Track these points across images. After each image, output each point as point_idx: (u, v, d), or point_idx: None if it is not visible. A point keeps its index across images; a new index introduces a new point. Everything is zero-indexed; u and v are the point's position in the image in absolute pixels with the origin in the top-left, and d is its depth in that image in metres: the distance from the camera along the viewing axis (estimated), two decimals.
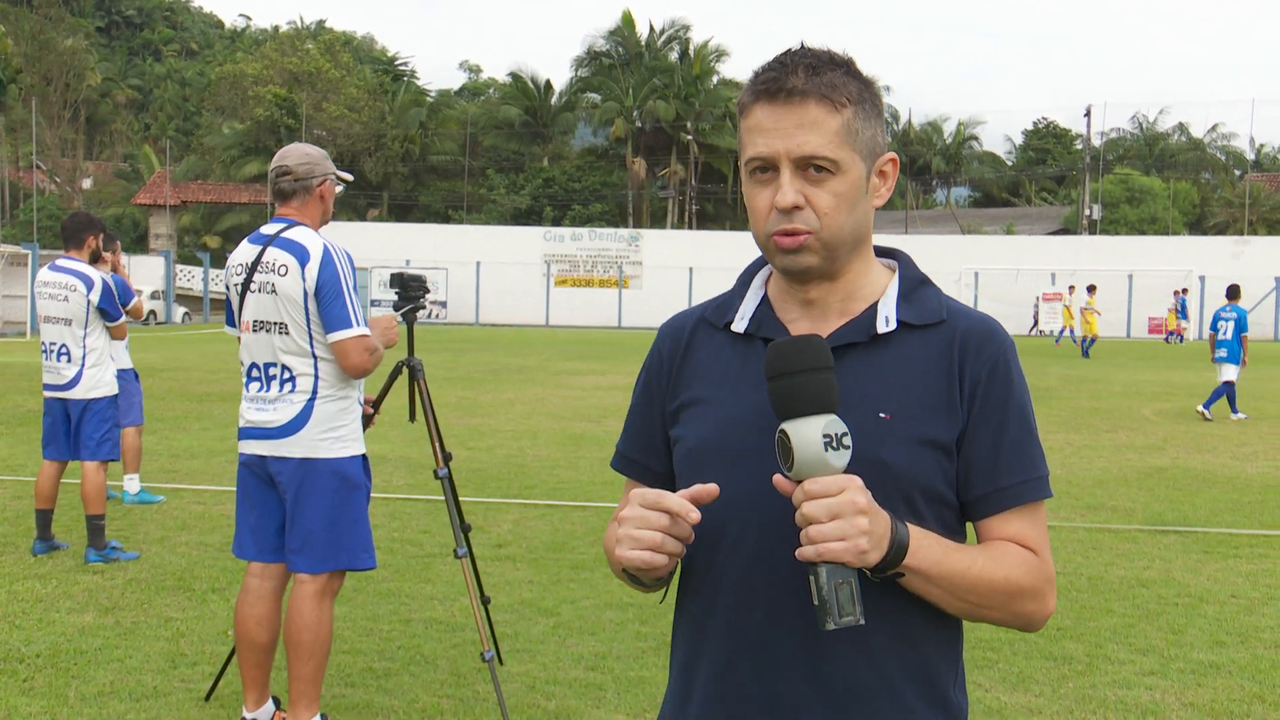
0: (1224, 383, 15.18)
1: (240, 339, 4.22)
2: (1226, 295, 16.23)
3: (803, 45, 1.59)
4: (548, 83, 62.21)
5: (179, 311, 46.74)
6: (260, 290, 4.09)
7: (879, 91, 1.62)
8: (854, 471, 1.44)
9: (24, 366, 20.68)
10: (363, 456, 4.20)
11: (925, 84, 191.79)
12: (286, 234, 4.12)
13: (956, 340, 1.59)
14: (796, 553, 1.40)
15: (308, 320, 4.04)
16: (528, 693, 4.68)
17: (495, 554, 6.93)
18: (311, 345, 4.06)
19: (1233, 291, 16.17)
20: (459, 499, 4.64)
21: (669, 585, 1.66)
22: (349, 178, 4.51)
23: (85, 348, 6.96)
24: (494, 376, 20.31)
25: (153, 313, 42.56)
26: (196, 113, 70.35)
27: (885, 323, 1.60)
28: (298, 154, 4.22)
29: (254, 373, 4.15)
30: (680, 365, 1.71)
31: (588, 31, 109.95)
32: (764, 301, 1.69)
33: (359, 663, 5.01)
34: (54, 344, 6.97)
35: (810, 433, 1.39)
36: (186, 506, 8.37)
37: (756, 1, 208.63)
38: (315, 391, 4.07)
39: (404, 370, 4.69)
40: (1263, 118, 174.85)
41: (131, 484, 8.46)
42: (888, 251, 1.72)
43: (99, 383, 6.99)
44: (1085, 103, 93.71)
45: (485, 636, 4.44)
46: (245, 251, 4.19)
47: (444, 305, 45.74)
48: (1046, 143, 70.53)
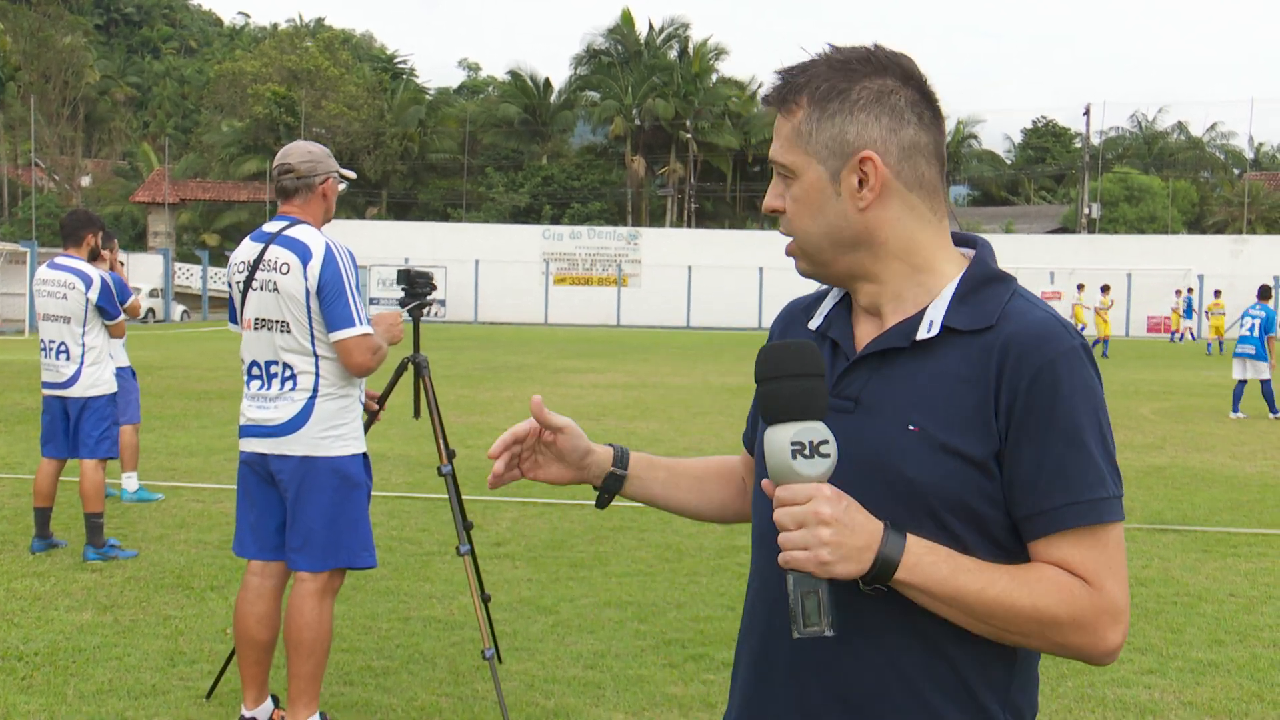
0: (1263, 381, 15.29)
1: (241, 336, 4.23)
2: (1258, 295, 16.38)
3: (830, 45, 1.55)
4: (547, 81, 62.20)
5: (178, 309, 46.71)
6: (262, 288, 4.09)
7: (882, 85, 1.50)
8: (875, 484, 1.43)
9: (22, 364, 20.66)
10: (363, 455, 4.20)
11: None
12: (289, 232, 4.11)
13: (997, 348, 1.46)
14: (779, 558, 1.40)
15: (309, 318, 4.04)
16: (526, 691, 4.69)
17: (494, 552, 6.93)
18: (313, 343, 4.06)
19: (1264, 292, 16.41)
20: (462, 496, 4.64)
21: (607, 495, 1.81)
22: (352, 176, 4.51)
23: (84, 346, 6.95)
24: (493, 375, 20.31)
25: (151, 311, 42.48)
26: (195, 110, 70.31)
27: (929, 328, 1.50)
28: (300, 152, 4.21)
29: (255, 370, 4.15)
30: None
31: (587, 29, 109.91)
32: (842, 301, 1.66)
33: (358, 661, 5.01)
34: (53, 342, 6.97)
35: (779, 439, 1.38)
36: (185, 504, 8.36)
37: (756, 1, 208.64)
38: (316, 389, 4.06)
39: (410, 367, 4.70)
40: (1262, 117, 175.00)
41: (130, 482, 8.46)
42: (968, 239, 1.62)
43: (98, 381, 6.98)
44: (1084, 102, 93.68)
45: (486, 634, 4.45)
46: (247, 249, 4.19)
47: (443, 303, 45.71)
48: (1045, 141, 70.55)
